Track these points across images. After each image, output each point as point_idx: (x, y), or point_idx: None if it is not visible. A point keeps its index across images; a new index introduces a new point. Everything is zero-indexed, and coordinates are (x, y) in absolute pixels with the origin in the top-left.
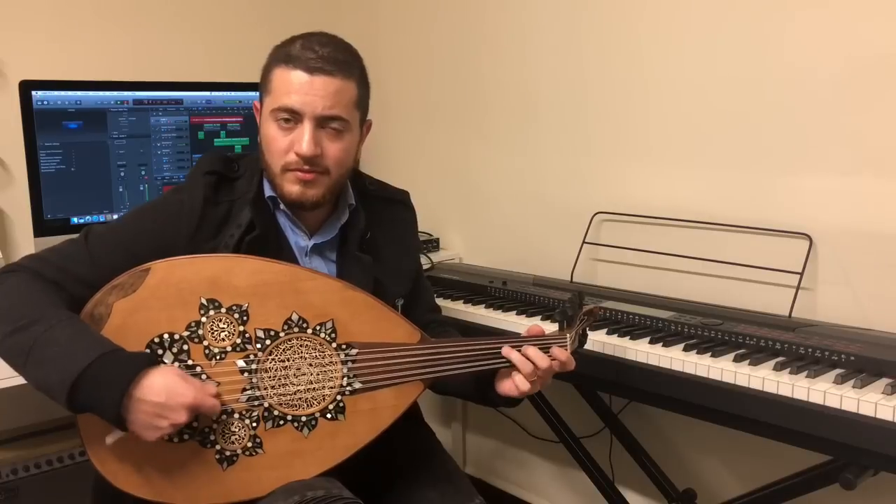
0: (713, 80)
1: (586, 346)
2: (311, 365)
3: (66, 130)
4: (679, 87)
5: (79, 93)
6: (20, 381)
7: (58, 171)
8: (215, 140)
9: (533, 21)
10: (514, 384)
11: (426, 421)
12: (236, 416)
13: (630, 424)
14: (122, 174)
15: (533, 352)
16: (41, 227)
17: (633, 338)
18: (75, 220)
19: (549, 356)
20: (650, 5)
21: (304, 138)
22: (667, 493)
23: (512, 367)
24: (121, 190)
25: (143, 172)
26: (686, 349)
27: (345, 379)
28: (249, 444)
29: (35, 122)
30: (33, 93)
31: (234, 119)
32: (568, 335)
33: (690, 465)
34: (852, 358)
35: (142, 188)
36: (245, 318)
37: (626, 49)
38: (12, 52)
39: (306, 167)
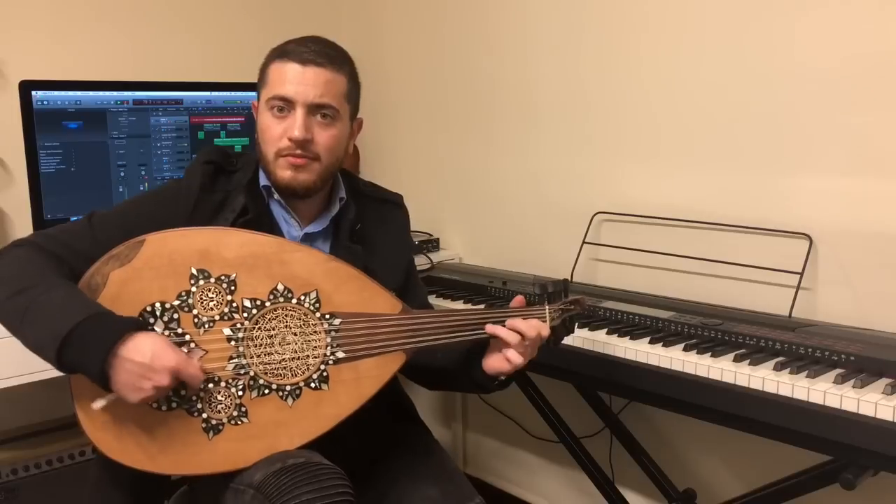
0: (713, 80)
1: (587, 347)
2: (295, 334)
3: (66, 130)
4: (679, 87)
5: (79, 93)
6: (20, 381)
7: (58, 171)
8: (215, 140)
9: (533, 22)
10: (506, 358)
11: (425, 421)
12: (222, 384)
13: (630, 424)
14: (122, 174)
15: (519, 323)
16: (41, 227)
17: (634, 338)
18: (75, 219)
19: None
20: (650, 6)
21: (296, 123)
22: (667, 493)
23: (498, 341)
24: (121, 190)
25: (143, 172)
26: (686, 349)
27: (328, 348)
28: (235, 413)
29: (35, 122)
30: (33, 93)
31: (234, 119)
32: (547, 307)
33: (690, 465)
34: (852, 358)
35: (142, 188)
36: (233, 287)
37: (625, 49)
38: (12, 52)
39: (298, 152)
